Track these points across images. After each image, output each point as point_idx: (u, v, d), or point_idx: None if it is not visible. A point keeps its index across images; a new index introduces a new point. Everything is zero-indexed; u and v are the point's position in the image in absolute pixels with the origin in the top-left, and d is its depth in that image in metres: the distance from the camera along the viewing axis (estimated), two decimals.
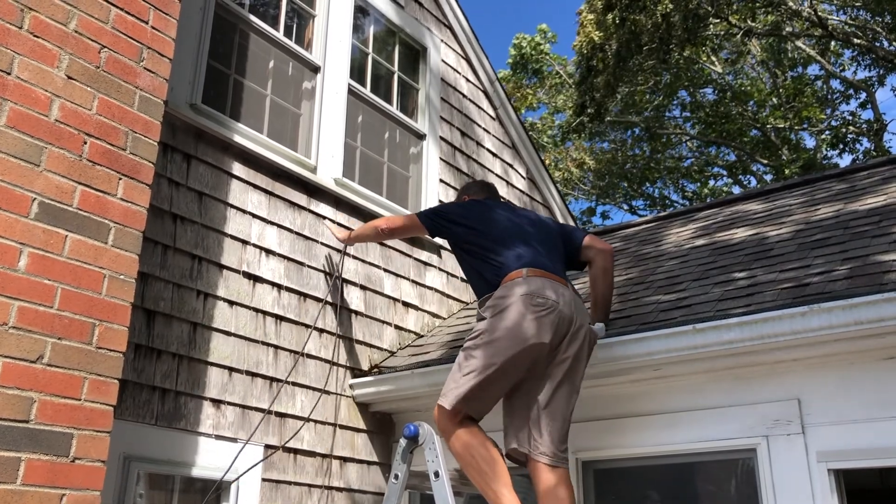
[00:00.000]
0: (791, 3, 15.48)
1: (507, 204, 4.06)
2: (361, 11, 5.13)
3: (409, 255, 4.89)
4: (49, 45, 2.62)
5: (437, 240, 4.68)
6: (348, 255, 4.44)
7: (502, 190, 5.94)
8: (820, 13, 15.58)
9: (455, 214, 3.61)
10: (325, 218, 4.36)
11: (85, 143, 2.65)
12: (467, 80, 5.97)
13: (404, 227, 3.90)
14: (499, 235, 3.42)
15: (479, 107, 6.01)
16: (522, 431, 3.12)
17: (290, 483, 3.77)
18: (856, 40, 15.97)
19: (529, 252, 3.34)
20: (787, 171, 17.15)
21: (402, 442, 3.20)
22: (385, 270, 4.68)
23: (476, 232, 3.47)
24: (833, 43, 17.00)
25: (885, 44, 16.28)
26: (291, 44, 4.50)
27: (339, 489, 4.01)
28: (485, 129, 5.99)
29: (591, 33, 14.02)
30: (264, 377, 3.80)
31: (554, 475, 3.02)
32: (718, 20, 15.06)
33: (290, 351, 3.96)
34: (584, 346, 3.23)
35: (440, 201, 5.22)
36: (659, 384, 3.56)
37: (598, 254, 3.65)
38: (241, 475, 3.51)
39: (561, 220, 6.66)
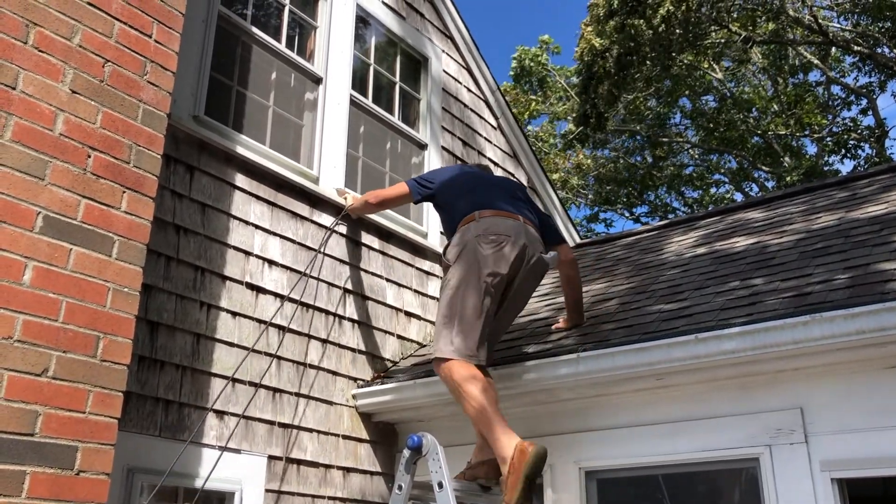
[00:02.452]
0: (791, 11, 15.53)
1: (487, 170, 4.29)
2: (363, 22, 5.16)
3: (412, 265, 4.90)
4: (54, 59, 2.64)
5: (441, 244, 4.71)
6: (350, 264, 4.46)
7: None
8: (820, 20, 15.62)
9: (435, 175, 4.05)
10: (327, 229, 4.37)
11: (89, 156, 2.67)
12: (468, 89, 5.99)
13: (391, 196, 4.16)
14: (466, 189, 3.81)
15: (481, 116, 6.03)
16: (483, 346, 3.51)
17: (293, 494, 3.77)
18: (856, 47, 16.00)
19: (487, 198, 3.70)
20: (788, 178, 17.16)
21: (406, 452, 3.21)
22: (387, 280, 4.69)
23: (448, 189, 3.87)
24: (833, 49, 17.03)
25: (886, 50, 16.31)
26: (293, 55, 4.52)
27: (342, 500, 4.01)
28: (486, 139, 6.01)
29: (593, 40, 14.07)
30: (267, 388, 3.80)
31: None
32: (719, 28, 15.09)
33: (294, 361, 3.97)
34: (537, 274, 3.66)
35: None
36: (661, 393, 3.57)
37: (562, 264, 3.97)
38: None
39: (563, 229, 6.67)
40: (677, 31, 13.24)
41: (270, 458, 3.71)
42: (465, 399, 3.30)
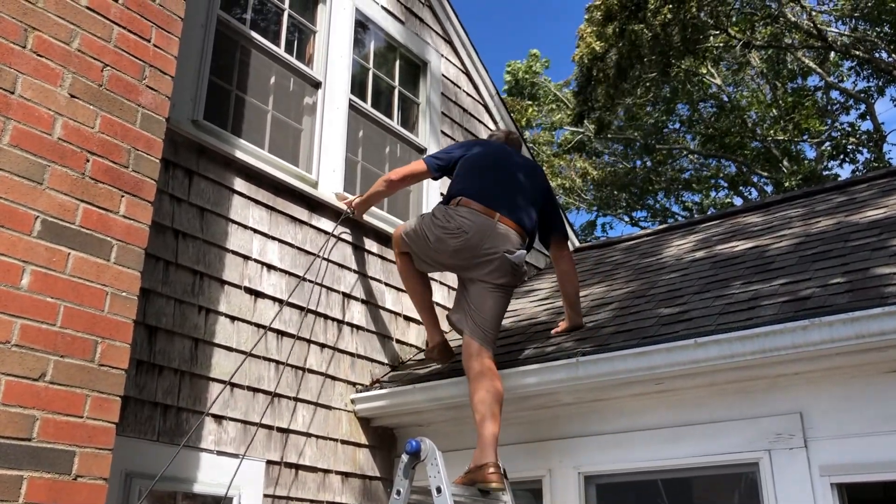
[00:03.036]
0: (790, 15, 15.55)
1: (509, 150, 4.25)
2: (362, 27, 5.16)
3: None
4: (52, 63, 2.64)
5: None
6: (349, 268, 4.45)
7: None
8: (819, 25, 15.65)
9: (453, 149, 4.22)
10: (325, 233, 4.36)
11: (87, 160, 2.66)
12: (468, 94, 5.99)
13: (411, 172, 4.28)
14: (475, 168, 4.00)
15: (480, 120, 6.03)
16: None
17: (291, 499, 3.76)
18: (854, 52, 16.03)
19: (483, 184, 3.88)
20: (787, 183, 17.17)
21: (404, 457, 3.20)
22: (386, 284, 4.69)
23: (463, 163, 4.05)
24: (832, 54, 17.06)
25: (884, 55, 16.33)
26: (292, 59, 4.52)
27: None
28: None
29: (592, 43, 14.07)
30: (266, 392, 3.80)
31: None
32: (718, 32, 15.12)
33: (292, 366, 3.96)
34: (496, 269, 3.73)
35: None
36: (661, 398, 3.56)
37: (559, 259, 4.19)
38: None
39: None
40: (676, 36, 13.25)
41: (269, 462, 3.71)
42: None
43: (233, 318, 3.75)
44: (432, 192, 5.25)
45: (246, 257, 3.89)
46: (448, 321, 3.99)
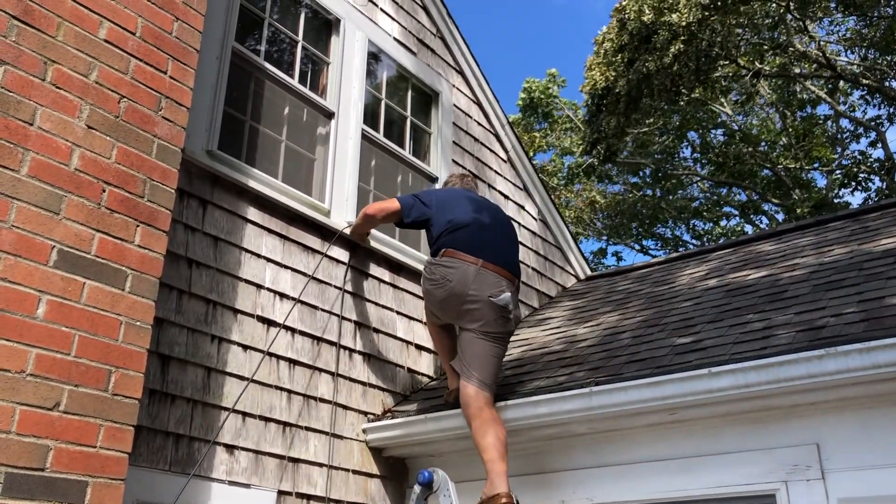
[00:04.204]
0: (799, 45, 15.62)
1: (473, 195, 4.32)
2: (374, 58, 5.22)
3: (422, 298, 4.89)
4: (70, 96, 2.68)
5: None
6: (361, 297, 4.46)
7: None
8: (828, 54, 15.70)
9: (423, 206, 4.11)
10: (339, 262, 4.38)
11: (104, 191, 2.69)
12: (479, 123, 6.03)
13: (383, 209, 4.18)
14: (450, 216, 3.99)
15: (491, 150, 6.07)
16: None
17: None
18: (864, 80, 16.06)
19: (463, 234, 3.93)
20: (798, 211, 17.13)
21: (417, 488, 3.18)
22: (398, 313, 4.69)
23: (439, 215, 4.03)
24: (841, 83, 17.09)
25: (894, 83, 16.35)
26: (306, 90, 4.57)
27: None
28: (497, 172, 6.03)
29: (606, 73, 14.14)
30: (278, 422, 3.79)
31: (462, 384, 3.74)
32: (727, 62, 15.19)
33: (304, 395, 3.95)
34: (482, 316, 3.75)
35: None
36: (675, 428, 3.53)
37: None
38: None
39: (573, 261, 6.67)
40: (686, 67, 13.31)
41: (280, 492, 3.68)
42: None
43: (245, 347, 3.75)
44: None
45: (259, 286, 3.90)
46: (452, 367, 4.03)
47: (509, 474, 3.40)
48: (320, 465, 3.91)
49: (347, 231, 4.40)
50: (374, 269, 4.61)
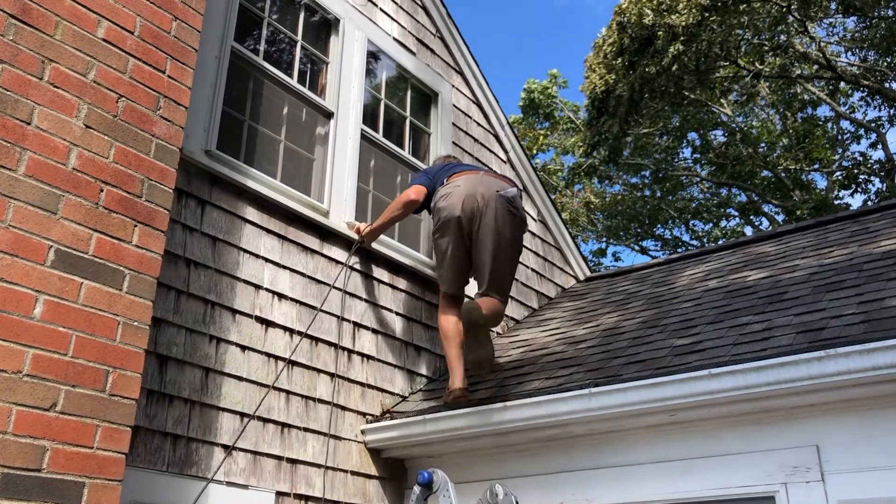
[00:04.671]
0: (799, 46, 15.61)
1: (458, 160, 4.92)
2: (374, 58, 5.21)
3: (421, 298, 4.89)
4: (68, 95, 2.67)
5: None
6: (359, 297, 4.45)
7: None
8: (828, 56, 15.70)
9: (431, 171, 4.64)
10: (338, 262, 4.37)
11: (101, 190, 2.68)
12: (478, 124, 6.02)
13: (413, 199, 4.45)
14: (445, 171, 4.50)
15: (491, 150, 6.06)
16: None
17: None
18: (864, 82, 16.05)
19: (456, 167, 4.51)
20: (798, 212, 17.12)
21: (416, 489, 3.17)
22: (396, 314, 4.68)
23: (436, 175, 4.52)
24: (842, 84, 17.09)
25: (894, 85, 16.35)
26: (305, 90, 4.56)
27: None
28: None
29: (606, 76, 14.14)
30: (276, 423, 3.78)
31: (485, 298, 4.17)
32: (728, 63, 15.18)
33: (302, 396, 3.94)
34: (500, 213, 4.15)
35: None
36: (675, 429, 3.52)
37: None
38: None
39: (573, 262, 6.66)
40: (690, 69, 13.31)
41: (278, 493, 3.67)
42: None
43: (243, 348, 3.74)
44: None
45: (257, 286, 3.89)
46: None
47: (510, 475, 3.37)
48: (319, 466, 3.90)
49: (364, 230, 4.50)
50: (374, 270, 4.60)
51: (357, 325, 4.38)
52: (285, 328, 3.96)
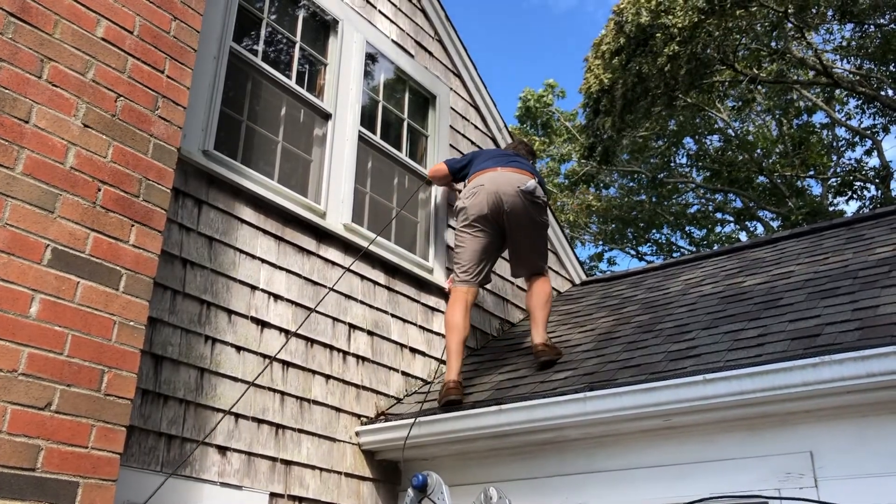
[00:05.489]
0: (796, 53, 15.66)
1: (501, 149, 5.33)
2: (372, 60, 5.21)
3: (417, 301, 4.89)
4: (67, 94, 2.66)
5: (443, 282, 4.71)
6: (355, 299, 4.45)
7: None
8: (825, 62, 15.75)
9: (467, 156, 5.04)
10: (334, 264, 4.37)
11: (99, 190, 2.68)
12: (476, 127, 6.03)
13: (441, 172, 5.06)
14: (478, 161, 4.82)
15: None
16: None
17: None
18: (860, 89, 16.11)
19: (492, 160, 4.73)
20: (793, 219, 17.17)
21: (410, 492, 3.17)
22: (392, 316, 4.68)
23: (472, 164, 4.86)
24: (838, 91, 17.15)
25: (890, 92, 16.41)
26: (303, 91, 4.56)
27: None
28: None
29: (601, 75, 14.17)
30: (270, 423, 3.77)
31: (537, 280, 4.67)
32: (724, 67, 15.22)
33: (297, 397, 3.94)
34: (522, 206, 4.49)
35: (450, 247, 5.24)
36: (669, 435, 3.53)
37: None
38: None
39: (569, 265, 6.68)
40: (682, 70, 13.35)
41: (272, 495, 3.67)
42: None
43: (239, 349, 3.74)
44: (440, 221, 5.26)
45: (253, 287, 3.89)
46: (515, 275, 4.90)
47: (504, 478, 3.38)
48: (313, 467, 3.90)
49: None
50: (369, 272, 4.60)
51: (352, 326, 4.38)
52: (281, 329, 3.96)
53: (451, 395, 4.08)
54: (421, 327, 4.87)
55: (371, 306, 4.55)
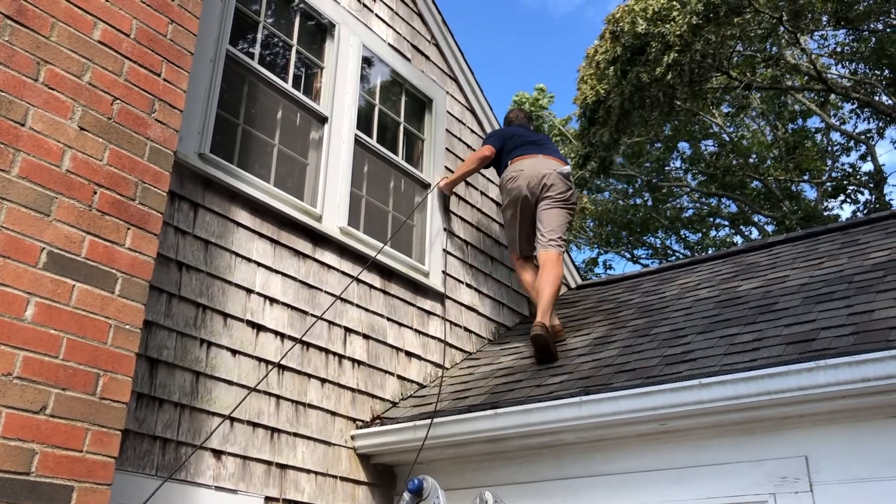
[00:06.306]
0: (790, 58, 15.72)
1: (527, 126, 5.75)
2: (368, 63, 5.21)
3: (413, 304, 4.89)
4: (63, 97, 2.66)
5: (442, 284, 4.71)
6: (351, 303, 4.45)
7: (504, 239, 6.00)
8: (819, 67, 15.81)
9: (499, 134, 5.57)
10: (329, 267, 4.37)
11: (95, 193, 2.67)
12: (472, 130, 6.03)
13: (483, 155, 5.39)
14: (512, 143, 5.35)
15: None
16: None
17: None
18: (854, 94, 16.18)
19: (520, 149, 5.27)
20: (788, 223, 17.22)
21: (406, 496, 3.17)
22: (388, 319, 4.67)
23: (504, 144, 5.38)
24: (832, 96, 17.21)
25: (884, 98, 16.48)
26: (300, 95, 4.56)
27: None
28: (489, 179, 6.03)
29: (596, 86, 14.18)
30: (266, 427, 3.76)
31: (545, 252, 5.02)
32: (720, 73, 15.27)
33: (292, 401, 3.93)
34: (553, 188, 5.09)
35: (444, 251, 5.25)
36: (664, 439, 3.53)
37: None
38: None
39: (564, 270, 6.67)
40: (684, 78, 13.37)
41: (267, 499, 3.66)
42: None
43: (234, 352, 3.73)
44: (435, 225, 5.26)
45: (249, 290, 3.88)
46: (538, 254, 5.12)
47: (500, 482, 3.39)
48: (308, 471, 3.89)
49: (442, 183, 5.38)
50: (365, 275, 4.60)
51: (348, 330, 4.38)
52: (276, 332, 3.96)
53: (537, 333, 4.55)
54: (417, 331, 4.86)
55: (367, 310, 4.54)
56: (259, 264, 3.98)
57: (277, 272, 4.06)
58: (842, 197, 17.87)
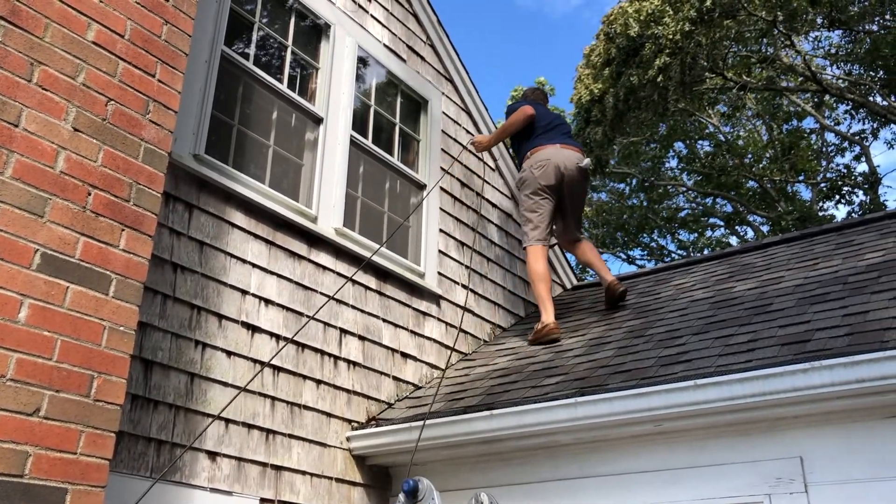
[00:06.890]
0: (785, 59, 15.75)
1: (546, 107, 5.90)
2: (364, 64, 5.21)
3: (408, 305, 4.88)
4: (57, 97, 2.65)
5: (438, 285, 4.69)
6: (346, 304, 4.44)
7: (502, 240, 5.99)
8: (814, 68, 15.85)
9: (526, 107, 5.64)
10: (325, 268, 4.36)
11: (89, 194, 2.66)
12: (468, 131, 6.03)
13: (530, 114, 5.53)
14: (539, 123, 5.52)
15: (480, 158, 6.07)
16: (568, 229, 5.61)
17: None
18: (849, 95, 16.22)
19: (550, 133, 5.46)
20: (783, 223, 17.26)
21: (401, 497, 3.15)
22: (384, 321, 4.67)
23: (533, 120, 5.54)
24: (827, 97, 17.26)
25: (879, 99, 16.52)
26: (295, 96, 4.55)
27: None
28: (485, 180, 6.04)
29: (591, 86, 14.21)
30: (261, 429, 3.76)
31: (583, 241, 5.60)
32: (714, 74, 15.29)
33: (288, 402, 3.93)
34: (577, 180, 5.37)
35: (440, 251, 5.24)
36: (660, 440, 3.53)
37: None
38: None
39: (560, 270, 6.69)
40: (674, 80, 13.39)
41: (262, 500, 3.65)
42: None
43: (229, 353, 3.72)
44: (431, 225, 5.26)
45: (244, 292, 3.88)
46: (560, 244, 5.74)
47: (496, 483, 3.38)
48: (303, 472, 3.88)
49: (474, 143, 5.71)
50: (360, 276, 4.59)
51: (343, 331, 4.37)
52: (272, 334, 3.95)
53: (553, 333, 4.88)
54: (412, 332, 4.86)
55: (362, 311, 4.54)
56: (254, 265, 3.97)
57: (272, 273, 4.05)
58: (837, 198, 17.91)
